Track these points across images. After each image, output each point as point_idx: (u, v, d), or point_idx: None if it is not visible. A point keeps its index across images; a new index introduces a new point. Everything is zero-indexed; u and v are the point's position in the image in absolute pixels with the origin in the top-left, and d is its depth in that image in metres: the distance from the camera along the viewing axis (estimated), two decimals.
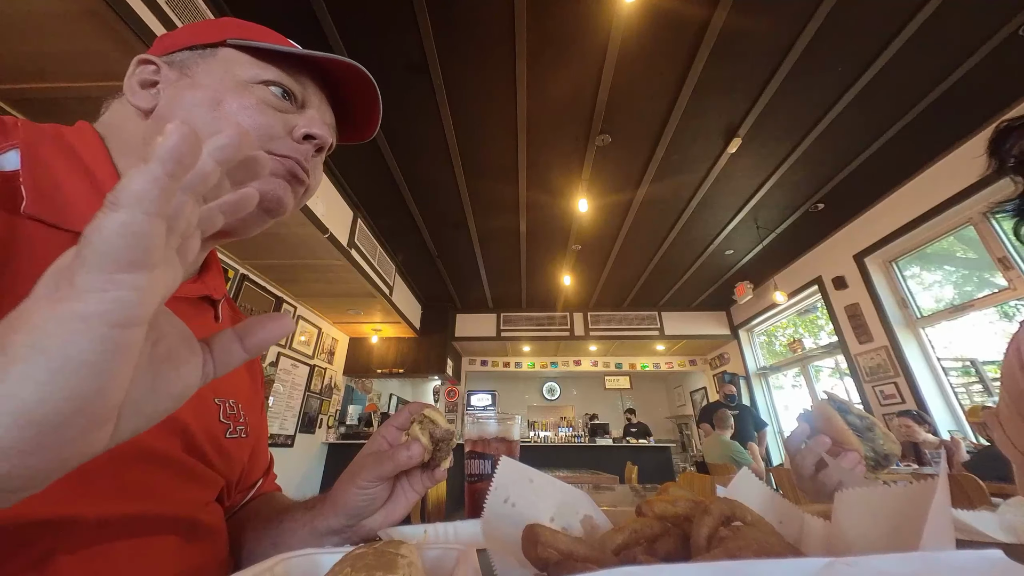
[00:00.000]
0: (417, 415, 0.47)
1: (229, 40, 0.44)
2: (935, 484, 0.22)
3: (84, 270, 0.18)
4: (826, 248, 4.40)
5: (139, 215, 0.18)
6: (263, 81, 0.44)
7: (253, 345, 0.26)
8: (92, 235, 0.18)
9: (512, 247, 4.61)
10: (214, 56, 0.44)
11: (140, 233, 0.18)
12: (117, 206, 0.18)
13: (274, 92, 0.44)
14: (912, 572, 0.15)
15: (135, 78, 0.44)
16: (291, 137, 0.45)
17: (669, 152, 3.15)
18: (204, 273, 0.50)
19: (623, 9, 2.15)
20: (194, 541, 0.41)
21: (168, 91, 0.43)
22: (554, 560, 0.25)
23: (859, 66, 2.46)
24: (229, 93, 0.42)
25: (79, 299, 0.18)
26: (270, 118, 0.43)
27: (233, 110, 0.41)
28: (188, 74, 0.43)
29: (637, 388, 8.54)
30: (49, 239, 0.33)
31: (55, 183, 0.34)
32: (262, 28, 0.49)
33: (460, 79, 2.57)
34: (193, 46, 0.44)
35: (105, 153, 0.41)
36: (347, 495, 0.44)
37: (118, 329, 0.18)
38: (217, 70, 0.43)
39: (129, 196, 0.18)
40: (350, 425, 5.48)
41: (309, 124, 0.45)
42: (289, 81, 0.46)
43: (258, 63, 0.45)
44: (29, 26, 1.64)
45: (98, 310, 0.18)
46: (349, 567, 0.21)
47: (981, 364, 3.27)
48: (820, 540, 0.28)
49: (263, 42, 0.45)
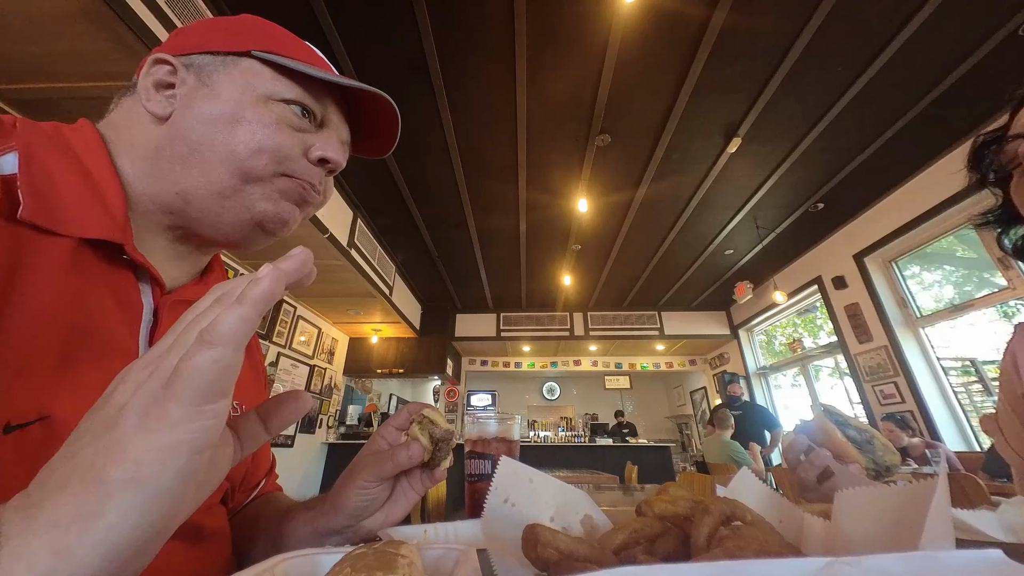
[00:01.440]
0: (416, 415, 0.47)
1: (254, 51, 0.42)
2: (935, 484, 0.22)
3: (177, 402, 0.20)
4: (826, 248, 4.40)
5: (230, 352, 0.20)
6: (284, 99, 0.43)
7: (275, 427, 0.28)
8: (189, 371, 0.20)
9: (512, 247, 4.61)
10: (236, 66, 0.42)
11: (230, 367, 0.20)
12: (213, 344, 0.20)
13: (294, 111, 0.43)
14: (912, 572, 0.15)
15: (150, 78, 0.41)
16: (306, 157, 0.44)
17: (669, 152, 3.15)
18: (207, 274, 0.50)
19: (623, 9, 2.15)
20: (198, 545, 0.41)
21: (185, 99, 0.41)
22: (554, 560, 0.25)
23: (859, 66, 2.46)
24: (249, 109, 0.41)
25: (172, 432, 0.19)
26: (288, 138, 0.42)
27: (252, 128, 0.41)
28: (207, 83, 0.41)
29: (637, 388, 8.55)
30: (46, 245, 0.32)
31: (53, 187, 0.34)
32: (285, 34, 0.47)
33: (460, 79, 2.57)
34: (215, 51, 0.43)
35: (105, 154, 0.40)
36: (347, 495, 0.44)
37: (197, 455, 0.20)
38: (238, 81, 0.42)
39: (224, 336, 0.20)
40: (350, 425, 5.49)
41: (325, 147, 0.44)
42: (310, 100, 0.44)
43: (281, 78, 0.43)
44: (29, 26, 1.64)
45: (186, 439, 0.20)
46: (349, 567, 0.21)
47: (981, 364, 3.28)
48: (820, 540, 0.28)
49: (288, 57, 0.43)
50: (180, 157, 0.40)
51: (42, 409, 0.30)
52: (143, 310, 0.39)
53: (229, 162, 0.40)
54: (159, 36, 1.73)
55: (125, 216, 0.38)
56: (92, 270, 0.35)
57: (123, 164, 0.41)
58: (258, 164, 0.41)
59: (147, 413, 0.19)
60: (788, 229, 4.22)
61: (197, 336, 0.20)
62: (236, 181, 0.40)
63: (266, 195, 0.42)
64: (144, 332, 0.39)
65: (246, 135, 0.40)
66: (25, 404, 0.29)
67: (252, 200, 0.42)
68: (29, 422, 0.29)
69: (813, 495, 0.51)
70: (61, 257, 0.33)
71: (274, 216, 0.43)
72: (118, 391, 0.21)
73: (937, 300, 3.58)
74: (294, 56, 0.44)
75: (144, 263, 0.38)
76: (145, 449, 0.19)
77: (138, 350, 0.38)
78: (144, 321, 0.39)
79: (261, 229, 0.43)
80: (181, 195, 0.40)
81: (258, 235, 0.44)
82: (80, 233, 0.34)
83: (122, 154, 0.41)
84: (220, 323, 0.20)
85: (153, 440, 0.19)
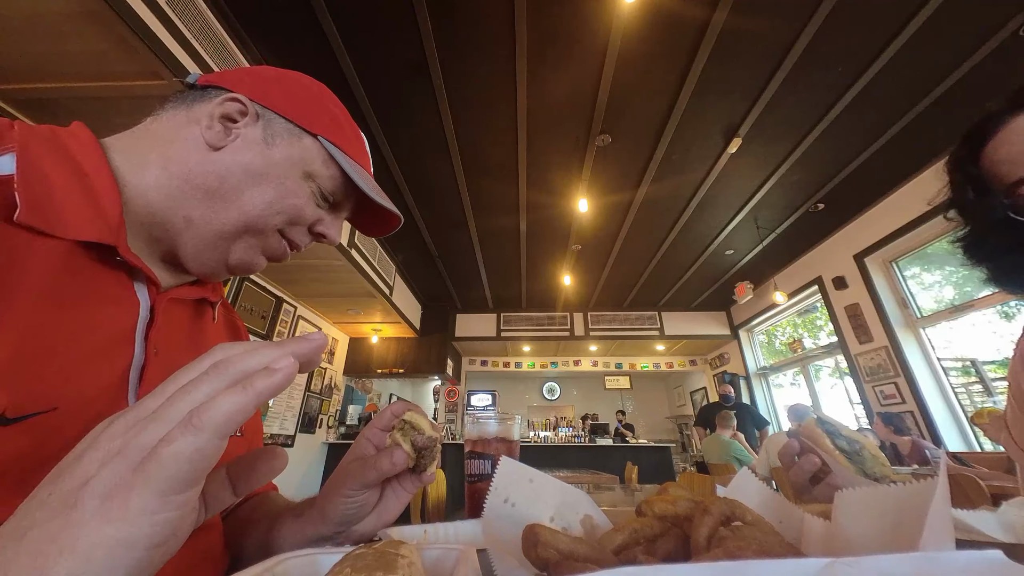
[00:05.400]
0: (397, 421, 0.45)
1: (320, 137, 0.47)
2: (935, 484, 0.22)
3: (145, 491, 0.18)
4: (826, 248, 4.40)
5: (216, 440, 0.19)
6: (323, 185, 0.48)
7: (244, 488, 0.25)
8: (166, 459, 0.18)
9: (512, 247, 4.61)
10: (300, 140, 0.46)
11: (210, 456, 0.19)
12: (200, 430, 0.18)
13: (324, 194, 0.48)
14: (912, 572, 0.15)
15: (220, 109, 0.44)
16: (309, 228, 0.49)
17: (669, 152, 3.15)
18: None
19: (623, 9, 2.15)
20: (191, 536, 0.41)
21: (242, 142, 0.44)
22: (554, 560, 0.25)
23: (859, 66, 2.46)
24: (291, 179, 0.45)
25: (132, 524, 0.18)
26: (308, 212, 0.47)
27: (286, 193, 0.45)
28: (269, 142, 0.45)
29: (637, 388, 8.54)
30: (41, 248, 0.32)
31: (49, 189, 0.34)
32: (351, 125, 0.52)
33: (460, 79, 2.57)
34: (290, 119, 0.46)
35: (101, 157, 0.40)
36: (334, 503, 0.43)
37: (155, 550, 0.18)
38: (295, 155, 0.46)
39: (214, 423, 0.18)
40: (350, 425, 5.49)
41: (330, 227, 0.50)
42: (342, 192, 0.50)
43: (330, 166, 0.48)
44: (29, 26, 1.64)
45: (145, 532, 0.18)
46: (349, 567, 0.21)
47: (981, 364, 3.27)
48: (820, 540, 0.28)
49: (345, 153, 0.48)
50: (206, 189, 0.42)
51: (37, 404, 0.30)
52: (139, 307, 0.40)
53: (245, 212, 0.43)
54: (159, 36, 1.73)
55: (119, 219, 0.38)
56: (87, 271, 0.36)
57: (117, 160, 0.41)
58: (271, 222, 0.45)
59: (110, 497, 0.18)
60: (788, 229, 4.22)
61: (185, 417, 0.19)
62: (240, 229, 0.44)
63: (251, 246, 0.46)
64: (141, 328, 0.40)
65: (276, 196, 0.44)
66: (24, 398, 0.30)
67: (239, 248, 0.45)
68: (29, 415, 0.30)
69: (807, 496, 0.52)
70: (56, 258, 0.33)
71: (246, 265, 0.47)
72: (86, 457, 0.19)
73: (938, 300, 3.58)
74: (348, 151, 0.49)
75: (138, 264, 0.39)
76: (98, 543, 0.17)
77: (135, 346, 0.39)
78: (140, 318, 0.40)
79: (228, 270, 0.47)
80: (187, 220, 0.42)
81: (223, 273, 0.47)
82: (74, 235, 0.34)
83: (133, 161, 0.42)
84: (214, 409, 0.18)
85: (110, 533, 0.17)
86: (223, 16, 2.13)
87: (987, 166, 0.59)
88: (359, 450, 0.47)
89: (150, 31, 1.70)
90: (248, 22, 2.23)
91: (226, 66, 2.09)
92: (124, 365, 0.37)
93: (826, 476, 0.51)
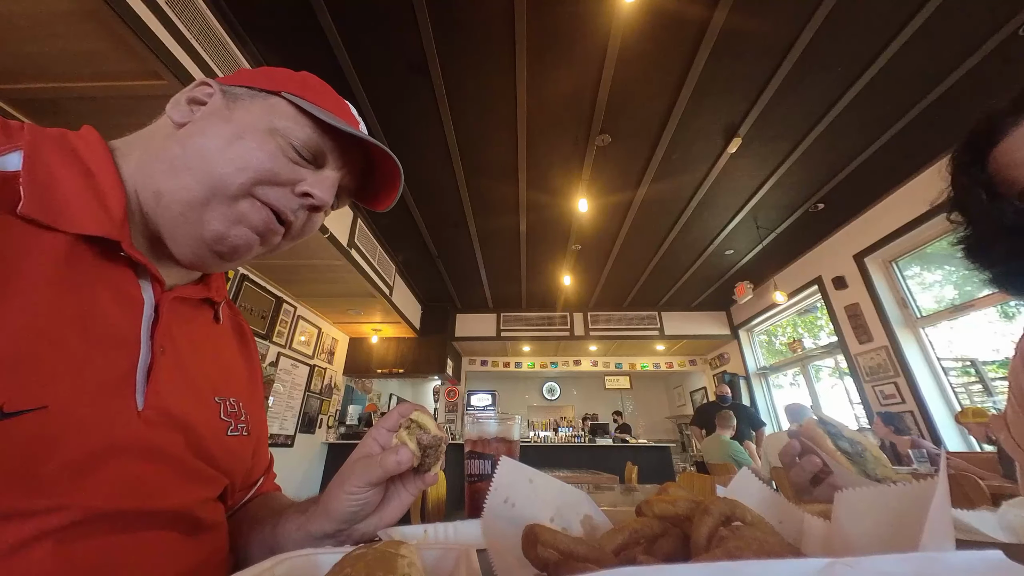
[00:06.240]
0: (404, 420, 0.46)
1: (284, 92, 0.45)
2: (935, 484, 0.22)
3: None
4: (826, 248, 4.40)
5: None
6: (292, 137, 0.44)
7: None
8: None
9: (512, 247, 4.61)
10: (264, 100, 0.45)
11: None
12: None
13: (295, 147, 0.44)
14: (912, 572, 0.15)
15: (186, 94, 0.45)
16: (291, 190, 0.45)
17: (669, 152, 3.15)
18: (207, 276, 0.51)
19: (623, 9, 2.15)
20: (194, 537, 0.41)
21: (204, 115, 0.44)
22: (554, 560, 0.25)
23: (859, 66, 2.46)
24: (253, 134, 0.43)
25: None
26: (280, 166, 0.43)
27: (248, 148, 0.42)
28: (230, 107, 0.44)
29: (637, 388, 8.54)
30: (43, 240, 0.33)
31: (54, 185, 0.35)
32: (327, 90, 0.50)
33: (460, 79, 2.57)
34: (253, 87, 0.46)
35: (108, 157, 0.41)
36: (338, 501, 0.44)
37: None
38: (256, 111, 0.44)
39: None
40: (350, 425, 5.48)
41: (314, 184, 0.45)
42: (317, 142, 0.46)
43: (297, 118, 0.45)
44: (29, 26, 1.64)
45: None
46: (349, 567, 0.21)
47: (981, 364, 3.27)
48: (820, 540, 0.28)
49: (312, 103, 0.45)
50: (169, 158, 0.42)
51: (38, 399, 0.30)
52: (144, 305, 0.40)
53: (206, 173, 0.41)
54: (159, 36, 1.73)
55: (123, 215, 0.39)
56: (90, 266, 0.36)
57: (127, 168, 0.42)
58: (235, 179, 0.41)
59: None
60: (788, 229, 4.22)
61: None
62: (206, 193, 0.41)
63: (222, 216, 0.42)
64: (146, 326, 0.40)
65: (236, 152, 0.41)
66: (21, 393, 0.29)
67: (209, 218, 0.41)
68: (23, 411, 0.29)
69: (808, 497, 0.52)
70: (58, 252, 0.33)
71: (221, 237, 0.42)
72: None
73: (938, 300, 3.58)
74: (323, 106, 0.45)
75: (142, 260, 0.39)
76: None
77: (139, 344, 0.39)
78: (145, 316, 0.40)
79: (212, 252, 0.43)
80: (156, 195, 0.41)
81: (213, 259, 0.44)
82: (77, 229, 0.35)
83: (131, 158, 0.43)
84: None
85: None
86: (223, 16, 2.13)
87: (996, 170, 0.58)
88: (365, 449, 0.48)
89: (150, 31, 1.70)
90: (248, 22, 2.23)
91: (226, 66, 2.09)
92: (128, 363, 0.37)
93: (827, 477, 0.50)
